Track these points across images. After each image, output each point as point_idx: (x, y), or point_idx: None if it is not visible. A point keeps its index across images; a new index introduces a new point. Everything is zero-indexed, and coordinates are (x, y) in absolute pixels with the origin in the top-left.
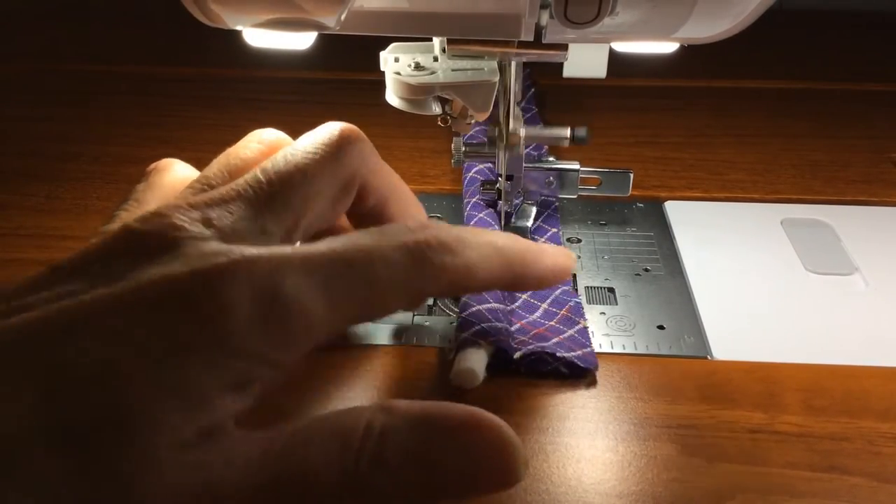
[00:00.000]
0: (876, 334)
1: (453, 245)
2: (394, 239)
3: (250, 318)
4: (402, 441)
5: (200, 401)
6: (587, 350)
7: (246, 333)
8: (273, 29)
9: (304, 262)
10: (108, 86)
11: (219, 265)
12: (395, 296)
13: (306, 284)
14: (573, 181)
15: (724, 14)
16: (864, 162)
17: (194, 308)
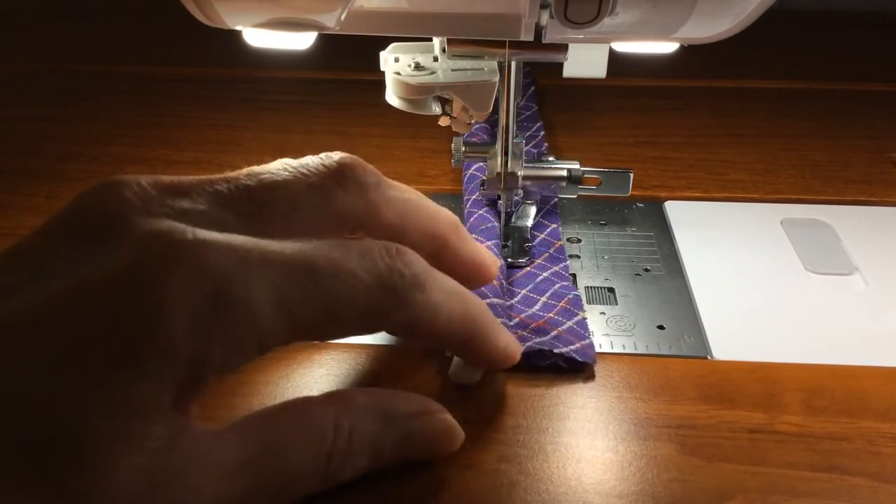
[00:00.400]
0: (876, 334)
1: (424, 281)
2: (367, 258)
3: (192, 319)
4: (365, 435)
5: (152, 411)
6: (585, 343)
7: (186, 338)
8: (273, 29)
9: (263, 259)
10: (108, 86)
11: (161, 252)
12: (351, 319)
13: (260, 284)
14: (573, 181)
15: (724, 14)
16: (864, 162)
17: (132, 311)
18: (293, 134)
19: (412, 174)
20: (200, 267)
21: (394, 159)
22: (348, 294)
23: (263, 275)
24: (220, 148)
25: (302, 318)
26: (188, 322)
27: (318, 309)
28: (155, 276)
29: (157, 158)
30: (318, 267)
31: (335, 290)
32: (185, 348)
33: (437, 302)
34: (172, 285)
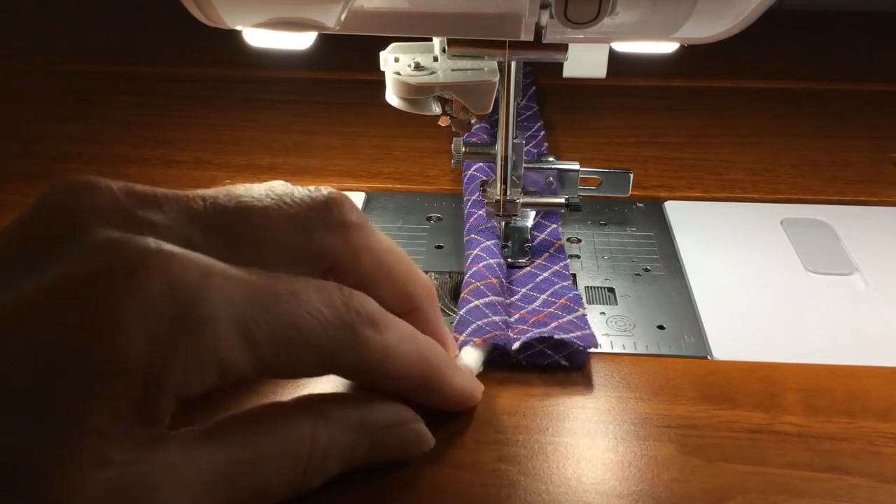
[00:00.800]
0: (876, 334)
1: (378, 320)
2: (324, 292)
3: (151, 336)
4: (340, 448)
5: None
6: (586, 332)
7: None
8: (273, 29)
9: (225, 280)
10: (108, 86)
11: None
12: (311, 352)
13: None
14: (573, 181)
15: (724, 14)
16: (864, 162)
17: (93, 322)
18: (293, 134)
19: (412, 174)
20: (161, 281)
21: (394, 159)
22: (307, 324)
23: (226, 295)
24: (220, 148)
25: (262, 345)
26: (145, 339)
27: (278, 336)
28: (113, 289)
29: (157, 158)
30: (279, 294)
31: (295, 319)
32: (141, 367)
33: (391, 341)
34: (131, 299)
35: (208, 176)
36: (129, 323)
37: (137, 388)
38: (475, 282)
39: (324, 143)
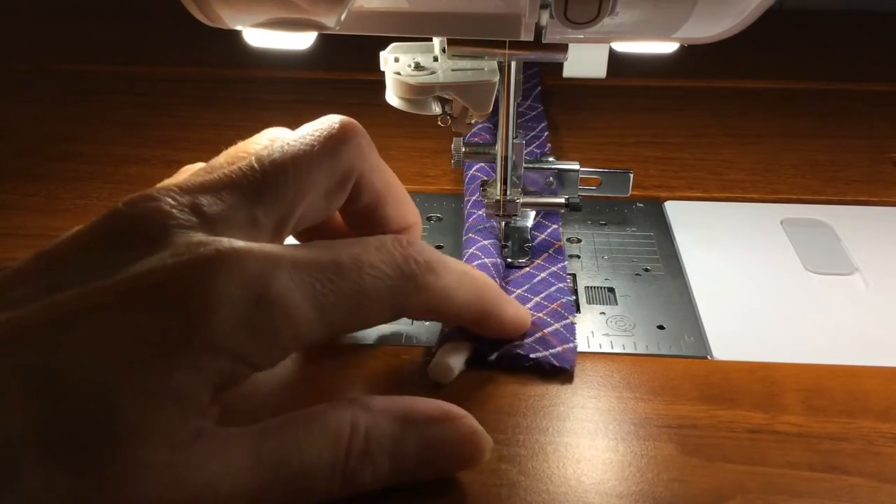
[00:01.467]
0: (876, 334)
1: (436, 266)
2: (383, 250)
3: (237, 317)
4: (383, 437)
5: (188, 403)
6: (568, 346)
7: (231, 333)
8: (273, 29)
9: (294, 263)
10: (108, 86)
11: (206, 258)
12: (379, 307)
13: (295, 285)
14: (573, 181)
15: (725, 14)
16: (864, 162)
17: (181, 307)
18: None
19: (412, 174)
20: (242, 271)
21: (394, 159)
22: (372, 285)
23: (297, 276)
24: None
25: (334, 314)
26: (233, 320)
27: (348, 303)
28: (203, 278)
29: (157, 158)
30: (342, 265)
31: (361, 284)
32: (229, 343)
33: (450, 284)
34: (219, 286)
35: None
36: (219, 306)
37: (226, 364)
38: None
39: None
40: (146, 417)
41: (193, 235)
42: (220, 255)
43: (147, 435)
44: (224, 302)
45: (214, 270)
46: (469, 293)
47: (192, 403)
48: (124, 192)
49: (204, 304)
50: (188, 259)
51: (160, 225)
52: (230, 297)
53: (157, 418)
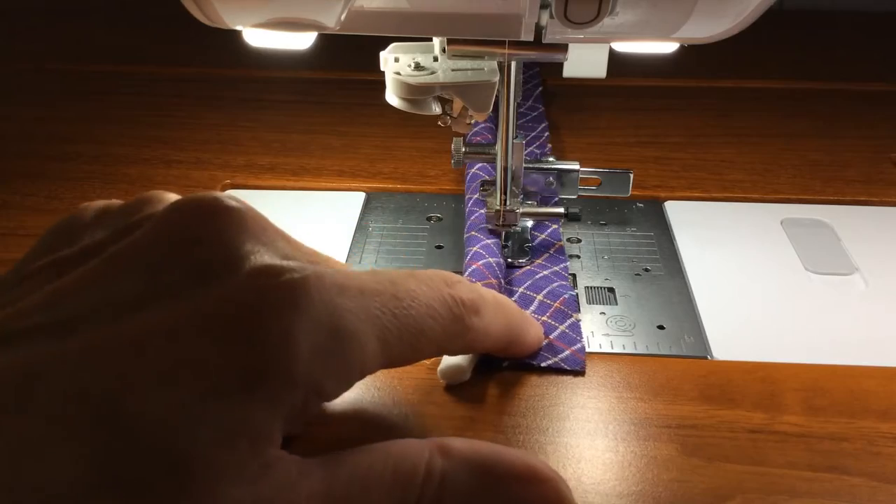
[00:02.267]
0: (876, 334)
1: (479, 305)
2: (432, 287)
3: (314, 347)
4: (459, 488)
5: (262, 438)
6: (576, 347)
7: (308, 364)
8: (273, 29)
9: (362, 291)
10: (108, 86)
11: (285, 286)
12: (430, 346)
13: (365, 317)
14: (573, 181)
15: (724, 14)
16: (864, 162)
17: (259, 337)
18: (293, 134)
19: (412, 174)
20: (320, 300)
21: (394, 159)
22: (429, 326)
23: (366, 309)
24: (220, 148)
25: (394, 348)
26: (311, 350)
27: (406, 340)
28: (281, 308)
29: (157, 158)
30: (401, 299)
31: (420, 324)
32: (306, 375)
33: (488, 322)
34: (298, 316)
35: (208, 175)
36: (297, 337)
37: (299, 395)
38: (475, 281)
39: (324, 143)
40: (220, 454)
41: (268, 256)
42: (299, 284)
43: (220, 472)
44: (302, 332)
45: (294, 299)
46: (501, 325)
47: (265, 437)
48: (124, 191)
49: (283, 335)
50: (266, 285)
51: (236, 242)
52: (308, 328)
53: (231, 455)
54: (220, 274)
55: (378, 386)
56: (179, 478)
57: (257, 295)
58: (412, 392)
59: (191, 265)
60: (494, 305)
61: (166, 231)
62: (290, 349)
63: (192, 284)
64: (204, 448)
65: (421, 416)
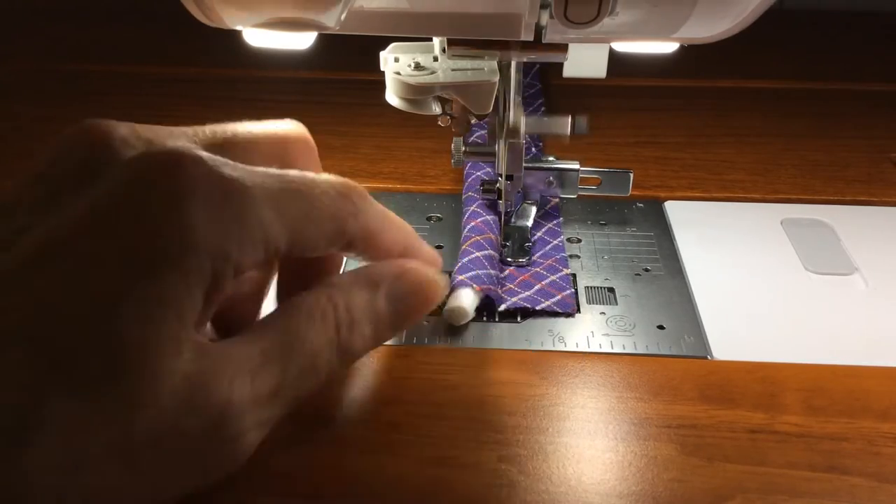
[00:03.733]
0: (876, 334)
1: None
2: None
3: (206, 212)
4: (361, 304)
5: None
6: (566, 293)
7: (205, 228)
8: (273, 29)
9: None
10: (108, 86)
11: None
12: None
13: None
14: (573, 181)
15: (725, 14)
16: (864, 162)
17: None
18: None
19: (412, 174)
20: (203, 171)
21: (394, 159)
22: (319, 195)
23: (256, 179)
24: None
25: (290, 217)
26: (207, 220)
27: (301, 207)
28: (165, 184)
29: None
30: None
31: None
32: (206, 244)
33: (379, 213)
34: (186, 189)
35: None
36: (189, 208)
37: (206, 263)
38: (475, 235)
39: (324, 143)
40: (150, 330)
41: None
42: (176, 156)
43: (155, 347)
44: (193, 200)
45: (176, 171)
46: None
47: (189, 309)
48: None
49: (173, 209)
50: (144, 165)
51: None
52: (198, 194)
53: (161, 329)
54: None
55: (376, 386)
56: (119, 359)
57: (137, 179)
58: (411, 392)
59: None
60: (384, 210)
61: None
62: (182, 220)
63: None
64: (135, 327)
65: (420, 416)
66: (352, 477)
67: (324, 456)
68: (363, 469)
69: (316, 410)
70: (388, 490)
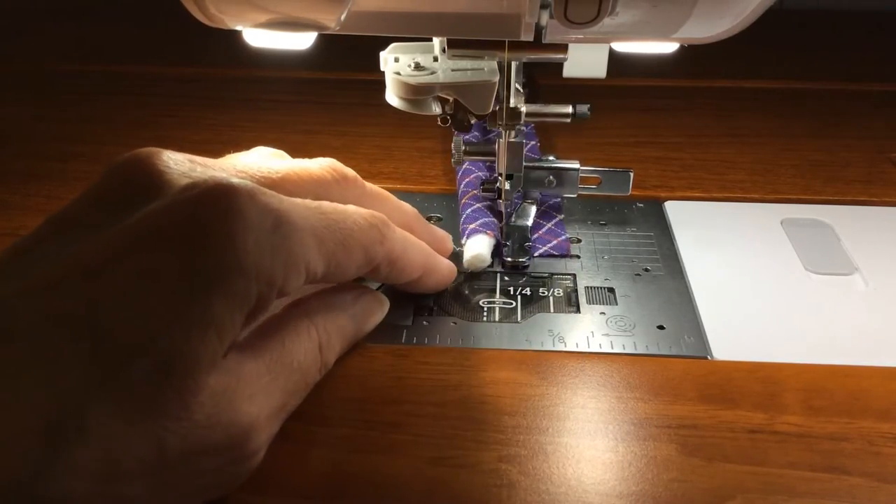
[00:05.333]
0: (876, 334)
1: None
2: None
3: (258, 240)
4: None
5: (225, 330)
6: (561, 239)
7: (255, 255)
8: (273, 29)
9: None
10: (108, 86)
11: (219, 189)
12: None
13: (301, 217)
14: (573, 180)
15: (724, 14)
16: (864, 162)
17: (205, 237)
18: (293, 134)
19: (412, 174)
20: (253, 201)
21: (394, 159)
22: (353, 226)
23: (299, 210)
24: (220, 148)
25: (328, 245)
26: (255, 242)
27: (338, 237)
28: (221, 207)
29: None
30: (328, 210)
31: (345, 224)
32: (255, 266)
33: (402, 238)
34: (238, 213)
35: None
36: (240, 234)
37: (253, 288)
38: (472, 190)
39: (324, 143)
40: (194, 347)
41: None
42: (231, 186)
43: (197, 362)
44: (245, 227)
45: (231, 199)
46: (415, 248)
47: (229, 330)
48: None
49: (227, 234)
50: (201, 192)
51: (162, 172)
52: (250, 222)
53: (204, 347)
54: (153, 199)
55: (376, 386)
56: (162, 373)
57: (194, 203)
58: (411, 392)
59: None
60: (405, 235)
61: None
62: (235, 246)
63: (130, 212)
64: (180, 344)
65: (420, 416)
66: (352, 477)
67: (324, 456)
68: (363, 469)
69: (316, 411)
70: (388, 490)
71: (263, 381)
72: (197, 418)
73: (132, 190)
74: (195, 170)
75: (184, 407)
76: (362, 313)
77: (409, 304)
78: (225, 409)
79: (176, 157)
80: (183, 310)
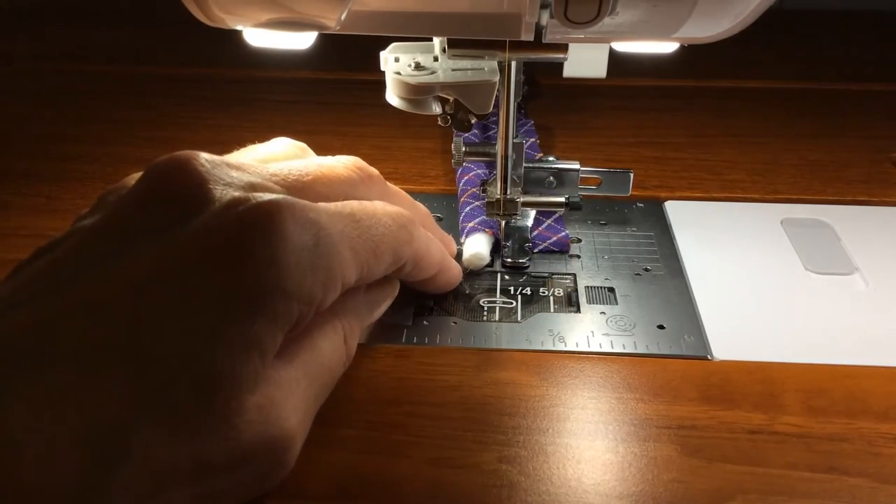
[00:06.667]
0: (876, 334)
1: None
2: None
3: (300, 260)
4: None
5: (266, 349)
6: (560, 235)
7: (297, 275)
8: (273, 29)
9: (330, 214)
10: (109, 86)
11: (263, 208)
12: (388, 249)
13: (337, 232)
14: (573, 181)
15: (724, 14)
16: (864, 162)
17: (249, 258)
18: (293, 134)
19: (412, 174)
20: (294, 221)
21: (394, 159)
22: (383, 231)
23: (335, 225)
24: (220, 148)
25: (361, 254)
26: (299, 266)
27: (369, 245)
28: (263, 227)
29: None
30: (358, 215)
31: (376, 230)
32: (297, 286)
33: (426, 238)
34: (281, 233)
35: None
36: (283, 255)
37: (294, 307)
38: (471, 188)
39: (324, 143)
40: (237, 368)
41: (236, 192)
42: (273, 205)
43: (240, 383)
44: (287, 248)
45: (273, 219)
46: (435, 246)
47: (270, 348)
48: None
49: (270, 255)
50: (244, 210)
51: (199, 183)
52: (292, 243)
53: (246, 367)
54: (195, 214)
55: (376, 387)
56: (206, 394)
57: (236, 223)
58: (411, 392)
59: (167, 214)
60: (426, 233)
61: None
62: (279, 267)
63: (172, 228)
64: (223, 365)
65: (420, 417)
66: (352, 477)
67: (324, 456)
68: (363, 469)
69: (318, 412)
70: (389, 490)
71: (301, 387)
72: (240, 436)
73: (173, 197)
74: (231, 174)
75: (229, 427)
76: (376, 298)
77: (410, 304)
78: (267, 424)
79: (213, 160)
80: (226, 331)
